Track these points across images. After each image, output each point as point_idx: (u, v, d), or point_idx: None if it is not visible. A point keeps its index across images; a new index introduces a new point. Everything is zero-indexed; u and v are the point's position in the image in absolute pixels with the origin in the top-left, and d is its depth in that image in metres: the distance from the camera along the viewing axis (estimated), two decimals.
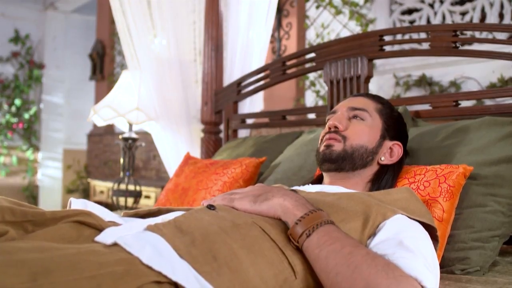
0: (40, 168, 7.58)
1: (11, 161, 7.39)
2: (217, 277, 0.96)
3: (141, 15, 2.91)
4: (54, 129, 7.63)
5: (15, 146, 7.42)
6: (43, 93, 7.60)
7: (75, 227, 1.02)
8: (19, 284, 0.77)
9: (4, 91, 7.30)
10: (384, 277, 1.00)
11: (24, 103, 7.41)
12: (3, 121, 7.25)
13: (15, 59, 7.40)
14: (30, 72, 7.46)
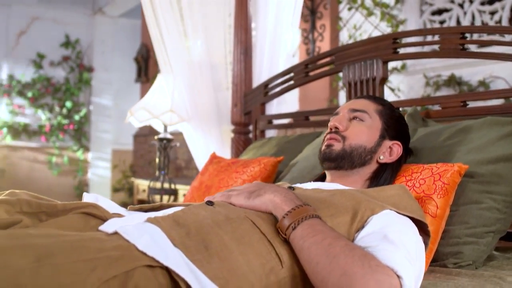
0: (90, 168, 7.91)
1: (62, 161, 7.74)
2: (207, 264, 1.07)
3: (172, 21, 3.07)
4: (103, 130, 7.94)
5: (66, 147, 7.77)
6: (92, 95, 7.92)
7: (83, 218, 1.16)
8: (25, 264, 0.90)
9: (55, 94, 7.65)
10: (359, 266, 1.09)
11: (74, 105, 7.74)
12: (55, 123, 7.60)
13: (66, 63, 7.75)
14: (80, 75, 7.80)
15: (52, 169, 7.65)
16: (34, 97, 7.50)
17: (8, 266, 0.89)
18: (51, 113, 7.64)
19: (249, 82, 3.10)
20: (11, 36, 7.41)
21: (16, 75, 7.43)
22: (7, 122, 7.33)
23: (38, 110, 7.56)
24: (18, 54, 7.44)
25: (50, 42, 7.60)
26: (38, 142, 7.59)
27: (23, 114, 7.50)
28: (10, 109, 7.37)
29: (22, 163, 7.51)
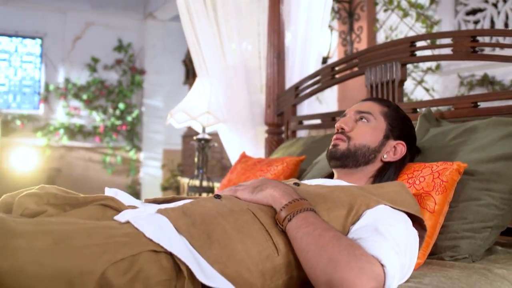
0: (142, 167, 8.22)
1: (116, 160, 8.08)
2: (208, 250, 1.22)
3: (208, 26, 3.23)
4: (155, 131, 8.23)
5: (119, 147, 8.10)
6: (144, 97, 8.23)
7: (101, 209, 1.33)
8: (45, 246, 1.07)
9: (109, 96, 8.00)
10: (345, 254, 1.21)
11: (127, 107, 8.07)
12: (108, 124, 7.94)
13: (118, 66, 8.09)
14: (132, 78, 8.12)
15: (106, 168, 8.00)
16: (89, 100, 7.86)
17: (31, 247, 1.05)
18: (105, 114, 7.99)
19: (281, 85, 3.23)
20: (67, 41, 7.80)
21: (72, 79, 7.82)
22: (63, 123, 7.72)
23: (93, 111, 7.92)
24: (73, 59, 7.83)
25: (103, 47, 7.96)
26: (92, 142, 7.96)
27: (78, 116, 7.88)
28: (67, 111, 7.76)
29: (78, 163, 7.89)
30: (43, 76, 7.74)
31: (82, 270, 1.06)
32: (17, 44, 7.68)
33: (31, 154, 7.21)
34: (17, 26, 7.55)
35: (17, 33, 7.60)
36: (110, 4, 7.91)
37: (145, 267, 1.13)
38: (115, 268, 1.09)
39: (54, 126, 7.71)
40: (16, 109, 7.65)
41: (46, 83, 7.72)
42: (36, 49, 7.77)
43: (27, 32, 7.64)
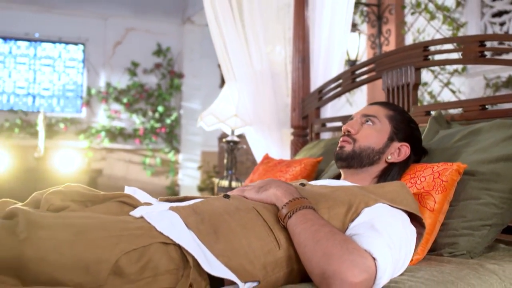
0: (181, 169, 8.42)
1: (155, 162, 8.31)
2: (214, 244, 1.35)
3: (234, 32, 3.37)
4: (193, 133, 8.43)
5: (158, 149, 8.33)
6: (182, 100, 8.44)
7: (119, 205, 1.47)
8: (66, 237, 1.22)
9: (148, 100, 8.24)
10: (338, 248, 1.32)
11: (166, 109, 8.29)
12: (148, 126, 8.18)
13: (158, 70, 8.32)
14: (171, 81, 8.34)
15: (145, 170, 8.24)
16: (129, 103, 8.12)
17: (53, 238, 1.20)
18: (144, 117, 8.23)
19: (306, 88, 3.34)
20: (108, 46, 8.08)
21: (113, 83, 8.09)
22: (105, 126, 8.00)
23: (133, 114, 8.17)
24: (114, 63, 8.10)
25: (143, 51, 8.21)
26: (132, 144, 8.21)
27: (119, 119, 8.14)
28: (108, 114, 8.04)
29: (119, 164, 8.15)
30: (85, 81, 8.04)
31: (98, 258, 1.20)
32: (61, 50, 8.00)
33: (74, 156, 7.48)
34: (60, 32, 7.87)
35: (61, 39, 7.92)
36: (149, 10, 8.15)
37: (154, 257, 1.26)
38: (127, 257, 1.23)
39: (96, 128, 7.99)
40: (59, 112, 7.96)
41: (88, 87, 8.01)
42: (78, 54, 8.08)
43: (70, 38, 7.95)
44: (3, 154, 6.68)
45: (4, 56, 7.74)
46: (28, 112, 7.70)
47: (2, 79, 7.74)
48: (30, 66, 7.87)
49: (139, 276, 1.23)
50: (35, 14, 7.72)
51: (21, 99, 7.81)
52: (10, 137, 7.54)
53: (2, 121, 7.58)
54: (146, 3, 8.08)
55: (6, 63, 7.75)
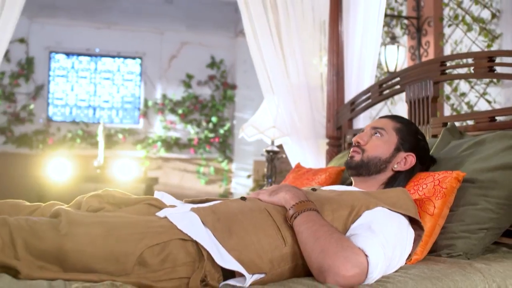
0: (234, 177, 8.71)
1: (209, 171, 8.63)
2: (228, 240, 1.57)
3: (272, 47, 3.59)
4: (245, 143, 8.68)
5: (212, 158, 8.65)
6: (235, 111, 8.73)
7: (147, 207, 1.72)
8: (99, 233, 1.46)
9: (203, 110, 8.59)
10: (334, 245, 1.51)
11: (219, 120, 8.61)
12: (202, 136, 8.52)
13: (211, 82, 8.66)
14: (224, 92, 8.66)
15: (200, 178, 8.57)
16: (184, 114, 8.49)
17: (89, 233, 1.45)
18: (198, 127, 8.58)
19: (341, 100, 3.53)
20: (164, 60, 8.48)
21: (168, 95, 8.48)
22: (161, 136, 8.39)
23: (188, 125, 8.53)
24: (170, 76, 8.50)
25: (197, 64, 8.57)
26: (187, 154, 8.56)
27: (174, 129, 8.52)
28: (164, 125, 8.43)
29: (174, 173, 8.52)
30: (142, 93, 8.47)
31: (126, 251, 1.44)
32: (119, 64, 8.48)
33: (132, 165, 7.83)
34: (119, 47, 8.33)
35: (119, 54, 8.38)
36: (203, 24, 8.50)
37: (174, 251, 1.49)
38: (150, 250, 1.47)
39: (153, 139, 8.39)
40: (118, 123, 8.42)
41: (145, 99, 8.43)
42: (136, 68, 8.52)
43: (128, 52, 8.41)
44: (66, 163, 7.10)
45: (67, 71, 8.27)
46: (89, 123, 8.20)
47: (65, 92, 8.26)
48: (91, 80, 8.38)
49: (160, 267, 1.46)
50: (96, 31, 8.22)
51: (83, 111, 8.31)
52: (72, 147, 8.04)
53: (65, 132, 8.09)
54: (199, 17, 8.43)
55: (69, 77, 8.28)
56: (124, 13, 8.19)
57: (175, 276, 1.47)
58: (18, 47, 7.86)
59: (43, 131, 8.01)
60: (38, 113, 8.03)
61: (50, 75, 8.19)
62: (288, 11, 3.62)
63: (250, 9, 3.62)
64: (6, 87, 7.84)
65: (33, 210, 1.70)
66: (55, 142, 8.03)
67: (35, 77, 8.02)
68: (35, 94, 8.00)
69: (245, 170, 8.65)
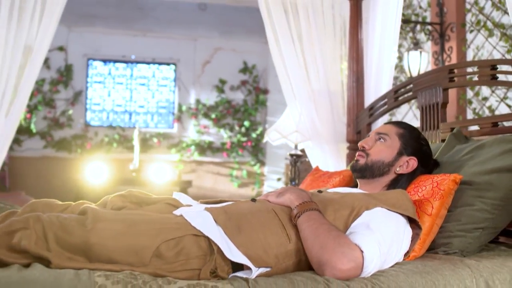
0: (266, 181, 8.88)
1: (242, 174, 8.84)
2: (237, 237, 1.74)
3: (294, 55, 3.75)
4: (277, 146, 8.81)
5: (245, 162, 8.85)
6: (267, 115, 8.91)
7: (166, 206, 1.91)
8: (121, 228, 1.65)
9: (235, 115, 8.80)
10: (331, 242, 1.67)
11: (252, 124, 8.81)
12: (235, 140, 8.74)
13: (244, 87, 8.87)
14: (257, 97, 8.86)
15: (232, 182, 8.78)
16: (217, 118, 8.72)
17: (111, 229, 1.64)
18: (231, 132, 8.79)
19: (361, 106, 3.67)
20: (197, 65, 8.73)
21: (202, 100, 8.73)
22: (194, 140, 8.64)
23: (221, 129, 8.76)
24: (203, 81, 8.74)
25: (230, 69, 8.79)
26: (220, 157, 8.79)
27: (208, 133, 8.76)
28: (197, 129, 8.67)
29: (207, 176, 8.75)
30: (176, 98, 8.74)
31: (144, 245, 1.62)
32: (154, 70, 8.76)
33: (166, 168, 8.08)
34: (154, 54, 8.62)
35: (154, 60, 8.67)
36: (235, 30, 8.71)
37: (187, 245, 1.67)
38: (166, 244, 1.64)
39: (186, 143, 8.65)
40: (153, 128, 8.71)
41: (179, 104, 8.70)
42: (170, 74, 8.79)
43: (163, 59, 8.69)
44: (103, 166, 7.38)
45: (104, 77, 8.60)
46: (125, 128, 8.51)
47: (103, 98, 8.59)
48: (127, 86, 8.69)
49: (174, 259, 1.64)
50: (132, 38, 8.53)
51: (119, 116, 8.62)
52: (109, 151, 8.36)
53: (102, 137, 8.41)
54: (232, 24, 8.64)
55: (106, 83, 8.61)
56: (159, 21, 8.47)
57: (188, 267, 1.64)
58: (57, 55, 8.23)
59: (81, 135, 8.36)
60: (77, 118, 8.38)
61: (88, 81, 8.53)
62: (309, 20, 3.78)
63: (272, 17, 3.78)
64: (46, 94, 8.21)
65: (64, 208, 1.91)
66: (92, 146, 8.36)
67: (73, 83, 8.37)
68: (73, 100, 8.34)
69: (277, 173, 8.81)
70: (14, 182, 7.78)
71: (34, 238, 1.55)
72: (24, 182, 7.83)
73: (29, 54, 3.43)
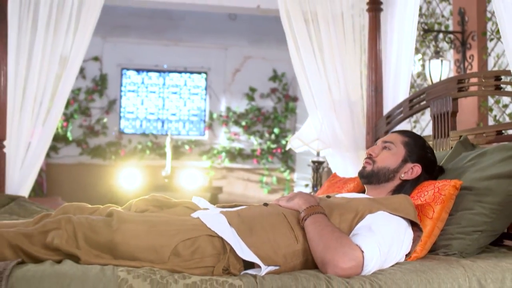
0: (296, 187, 9.03)
1: (271, 180, 9.01)
2: (248, 238, 1.91)
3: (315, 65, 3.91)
4: (306, 153, 8.96)
5: (274, 168, 9.03)
6: (297, 122, 9.07)
7: (184, 209, 2.10)
8: (142, 228, 1.84)
9: (265, 122, 9.00)
10: (334, 242, 1.83)
11: (281, 131, 8.99)
12: (265, 147, 8.93)
13: (273, 95, 9.06)
14: (286, 104, 9.04)
15: (263, 188, 8.96)
16: (247, 125, 8.93)
17: (134, 229, 1.83)
18: (261, 139, 8.99)
19: (379, 114, 3.81)
20: (228, 74, 8.97)
21: (232, 107, 8.95)
22: (225, 147, 8.86)
23: (251, 136, 8.97)
24: (233, 89, 8.97)
25: (260, 77, 8.99)
26: (250, 164, 8.99)
27: (238, 140, 8.98)
28: (228, 136, 8.90)
29: (238, 182, 8.96)
30: (207, 106, 8.98)
31: (163, 244, 1.81)
32: (186, 79, 9.04)
33: (197, 175, 8.31)
34: (185, 63, 8.89)
35: (186, 69, 8.94)
36: (265, 39, 8.91)
37: (202, 245, 1.85)
38: (183, 244, 1.83)
39: (217, 149, 8.88)
40: (185, 135, 8.97)
41: (210, 112, 8.94)
42: (201, 82, 9.05)
43: (194, 68, 8.96)
44: (136, 173, 7.63)
45: (137, 86, 8.91)
46: (157, 135, 8.79)
47: (136, 106, 8.89)
48: (160, 94, 8.98)
49: (191, 257, 1.82)
50: (164, 48, 8.81)
51: (152, 123, 8.91)
52: (142, 158, 8.64)
53: (135, 144, 8.70)
54: (261, 32, 8.84)
55: (139, 92, 8.92)
56: (190, 31, 8.73)
57: (203, 265, 1.81)
58: (93, 65, 8.56)
59: (116, 143, 8.66)
60: (111, 126, 8.70)
61: (122, 90, 8.86)
62: (329, 30, 3.92)
63: (293, 27, 3.95)
64: (82, 102, 8.55)
65: (93, 211, 2.11)
66: (126, 153, 8.65)
67: (108, 92, 8.70)
68: (108, 108, 8.67)
69: (306, 179, 8.94)
70: (51, 188, 8.12)
71: (65, 237, 1.75)
72: (60, 187, 8.17)
73: (65, 64, 3.67)
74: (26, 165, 3.57)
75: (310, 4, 3.97)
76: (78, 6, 3.63)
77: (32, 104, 3.57)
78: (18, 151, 3.54)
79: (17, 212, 3.00)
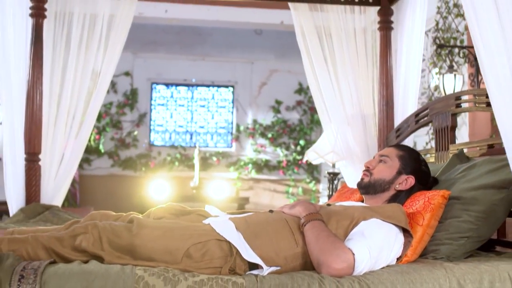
0: (321, 197, 9.23)
1: (297, 191, 9.24)
2: (253, 241, 2.16)
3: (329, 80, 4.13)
4: None
5: (300, 179, 9.26)
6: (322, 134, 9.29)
7: (197, 217, 2.36)
8: (158, 233, 2.10)
9: (291, 134, 9.25)
10: (329, 245, 2.07)
11: (307, 143, 9.21)
12: (290, 159, 9.17)
13: (299, 107, 9.31)
14: (311, 117, 9.27)
15: (289, 198, 9.20)
16: (274, 137, 9.20)
17: (152, 234, 2.08)
18: (287, 150, 9.24)
19: (390, 127, 4.02)
20: (254, 87, 9.26)
21: (259, 120, 9.23)
22: (252, 158, 9.14)
23: (277, 148, 9.23)
24: (260, 102, 9.25)
25: (285, 90, 9.26)
26: (277, 175, 9.24)
27: (264, 152, 9.25)
28: (254, 148, 9.17)
29: (264, 193, 9.21)
30: (234, 119, 9.29)
31: (177, 247, 2.06)
32: (214, 92, 9.37)
33: (225, 186, 8.56)
34: (213, 77, 9.22)
35: (213, 83, 9.27)
36: (290, 52, 9.11)
37: (211, 248, 2.09)
38: (194, 247, 2.08)
39: (244, 161, 9.16)
40: (212, 147, 9.29)
41: (237, 125, 9.24)
42: (229, 96, 9.36)
43: (221, 81, 9.28)
44: (165, 184, 7.92)
45: (167, 100, 9.26)
46: (186, 147, 9.12)
47: (165, 119, 9.25)
48: (188, 108, 9.32)
49: (201, 259, 2.07)
50: (192, 63, 9.16)
51: (181, 136, 9.25)
52: (171, 169, 8.97)
53: (165, 156, 9.04)
54: (287, 46, 9.07)
55: (169, 105, 9.28)
56: (217, 46, 9.06)
57: (212, 266, 2.06)
58: (124, 79, 8.95)
59: (146, 155, 9.02)
60: (141, 139, 9.06)
61: (152, 104, 9.23)
62: (342, 46, 4.15)
63: (306, 42, 4.20)
64: (114, 116, 8.93)
65: (117, 217, 2.39)
66: (156, 165, 8.99)
67: (138, 106, 9.07)
68: (138, 121, 9.04)
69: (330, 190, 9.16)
70: (84, 199, 8.49)
71: (91, 241, 2.02)
72: (93, 198, 8.54)
73: (96, 80, 3.93)
74: (59, 176, 3.83)
75: (323, 21, 4.20)
76: (108, 25, 3.90)
77: (66, 118, 3.83)
78: (52, 163, 3.80)
79: (50, 220, 3.31)
